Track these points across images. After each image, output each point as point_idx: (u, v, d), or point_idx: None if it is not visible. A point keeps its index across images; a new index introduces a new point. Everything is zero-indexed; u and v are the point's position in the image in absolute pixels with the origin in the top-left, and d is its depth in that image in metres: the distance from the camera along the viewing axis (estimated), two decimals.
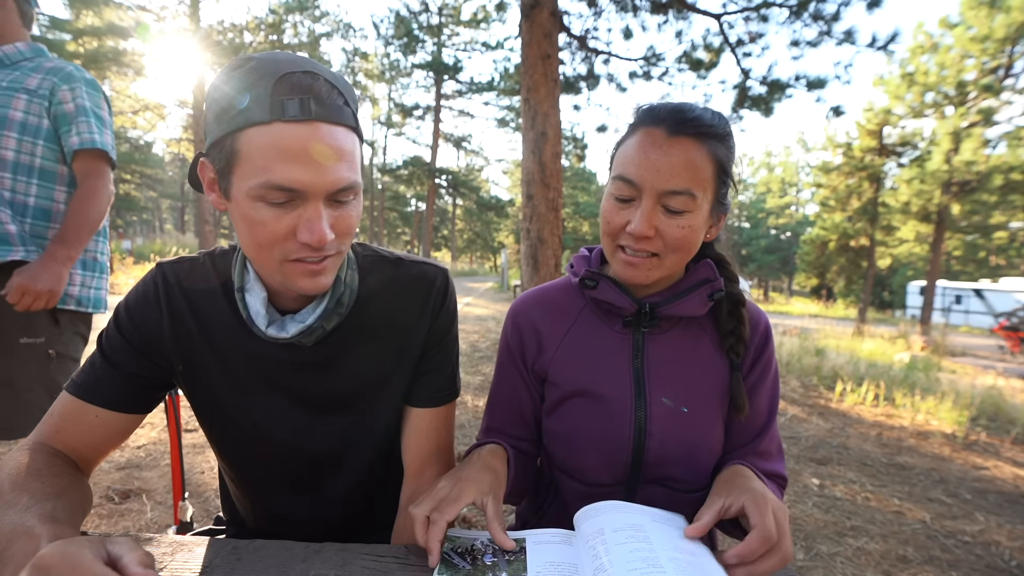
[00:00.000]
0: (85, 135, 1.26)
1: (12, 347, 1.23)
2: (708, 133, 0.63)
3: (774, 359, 0.74)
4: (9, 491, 0.50)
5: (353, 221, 0.58)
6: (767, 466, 0.70)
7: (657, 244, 0.64)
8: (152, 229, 37.04)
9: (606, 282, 0.72)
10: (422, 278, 0.71)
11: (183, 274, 0.65)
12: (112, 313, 0.65)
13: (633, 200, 0.64)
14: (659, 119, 0.64)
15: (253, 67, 0.52)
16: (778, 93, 5.54)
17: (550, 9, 4.37)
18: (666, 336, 0.72)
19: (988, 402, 4.29)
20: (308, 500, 0.73)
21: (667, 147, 0.62)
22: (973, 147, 11.93)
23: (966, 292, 19.30)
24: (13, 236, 1.22)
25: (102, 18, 12.25)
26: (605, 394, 0.71)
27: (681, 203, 0.62)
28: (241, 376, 0.66)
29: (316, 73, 0.53)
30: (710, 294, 0.69)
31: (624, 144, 0.67)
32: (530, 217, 4.45)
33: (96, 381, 0.62)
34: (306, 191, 0.52)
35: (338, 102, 0.54)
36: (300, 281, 0.57)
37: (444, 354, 0.73)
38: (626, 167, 0.64)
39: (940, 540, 2.10)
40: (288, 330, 0.61)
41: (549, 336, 0.76)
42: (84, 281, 1.34)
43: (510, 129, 24.56)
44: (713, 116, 0.64)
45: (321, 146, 0.52)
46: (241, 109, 0.51)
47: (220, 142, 0.53)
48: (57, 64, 1.29)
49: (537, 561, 0.53)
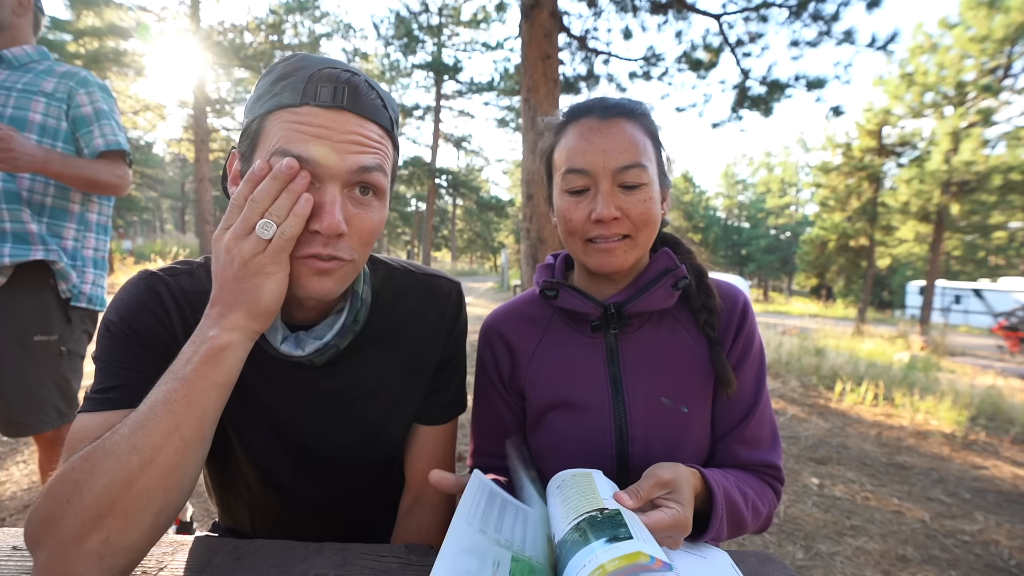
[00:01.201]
0: (110, 137, 1.31)
1: (27, 344, 1.24)
2: (634, 112, 0.67)
3: (756, 336, 0.72)
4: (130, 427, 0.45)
5: (372, 226, 0.54)
6: (755, 455, 0.68)
7: (625, 224, 0.65)
8: (152, 229, 37.03)
9: (566, 290, 0.71)
10: (435, 294, 0.70)
11: (183, 283, 0.61)
12: (106, 331, 0.57)
13: (588, 189, 0.65)
14: (587, 110, 0.67)
15: (296, 60, 0.52)
16: (778, 93, 5.54)
17: (550, 9, 4.37)
18: (639, 334, 0.71)
19: (987, 402, 4.29)
20: (308, 514, 0.71)
21: (605, 129, 0.65)
22: (972, 147, 11.94)
23: (965, 292, 19.30)
24: (34, 235, 1.24)
25: (103, 18, 12.26)
26: (583, 403, 0.70)
27: (635, 176, 0.64)
28: (247, 393, 0.61)
29: (358, 73, 0.53)
30: (674, 283, 0.68)
31: (561, 143, 0.69)
32: (530, 217, 4.45)
33: (128, 386, 0.53)
34: (322, 169, 0.50)
35: (375, 102, 0.53)
36: (306, 280, 0.52)
37: (455, 371, 0.73)
38: (573, 159, 0.65)
39: (939, 539, 2.11)
40: (304, 347, 0.58)
41: (521, 351, 0.75)
42: (95, 279, 1.36)
43: (510, 129, 24.55)
44: (631, 100, 0.69)
45: (347, 132, 0.50)
46: (273, 94, 0.51)
47: (248, 127, 0.53)
48: (70, 69, 1.33)
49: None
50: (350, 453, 0.68)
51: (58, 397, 1.29)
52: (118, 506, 0.44)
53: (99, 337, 0.57)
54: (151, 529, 0.46)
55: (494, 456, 0.78)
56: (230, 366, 0.49)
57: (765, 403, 0.71)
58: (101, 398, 0.53)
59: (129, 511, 0.44)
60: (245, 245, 0.48)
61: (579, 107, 0.69)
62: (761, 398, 0.70)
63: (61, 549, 0.43)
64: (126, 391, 0.53)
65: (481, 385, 0.79)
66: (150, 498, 0.45)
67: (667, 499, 0.53)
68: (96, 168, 1.30)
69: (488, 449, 0.79)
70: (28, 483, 2.12)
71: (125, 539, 0.44)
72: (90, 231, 1.37)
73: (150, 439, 0.45)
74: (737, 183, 42.70)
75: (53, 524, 0.43)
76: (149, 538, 0.47)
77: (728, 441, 0.70)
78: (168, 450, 0.45)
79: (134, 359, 0.56)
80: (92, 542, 0.43)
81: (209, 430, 0.49)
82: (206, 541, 0.57)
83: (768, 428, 0.71)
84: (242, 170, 0.54)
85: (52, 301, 1.28)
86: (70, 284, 1.29)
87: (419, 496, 0.70)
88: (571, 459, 0.70)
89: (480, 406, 0.80)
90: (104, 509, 0.43)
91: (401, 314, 0.67)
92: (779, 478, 0.70)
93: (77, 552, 0.43)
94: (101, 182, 1.30)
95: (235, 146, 0.57)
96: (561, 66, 5.38)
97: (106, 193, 1.34)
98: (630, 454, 0.68)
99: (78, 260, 1.33)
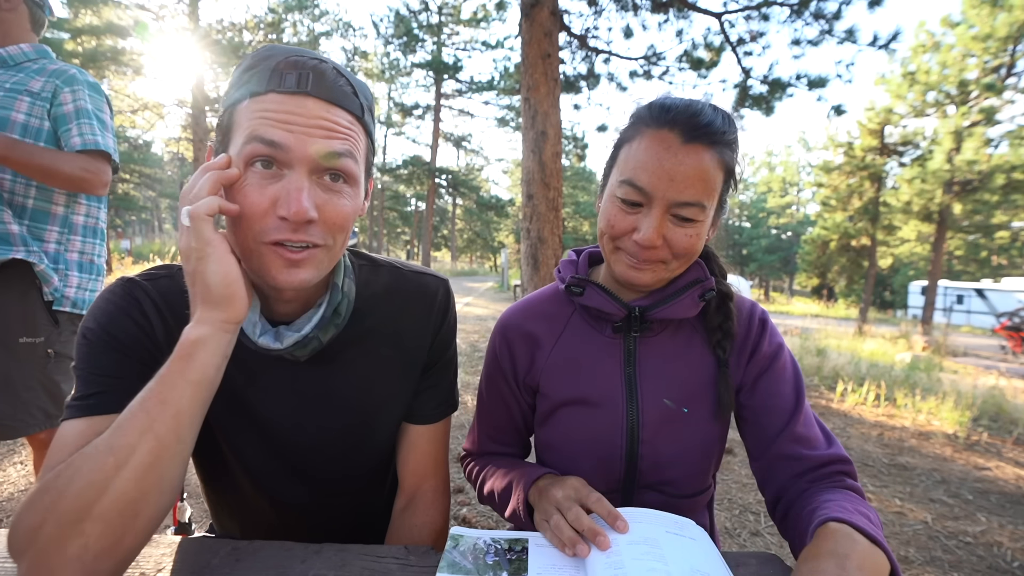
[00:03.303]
0: (88, 136, 1.26)
1: (12, 346, 1.23)
2: (720, 140, 0.60)
3: (781, 347, 0.71)
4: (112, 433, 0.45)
5: (344, 212, 0.53)
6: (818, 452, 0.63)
7: (664, 252, 0.62)
8: (151, 229, 37.06)
9: (593, 288, 0.70)
10: (423, 291, 0.69)
11: (162, 286, 0.60)
12: (83, 338, 0.55)
13: (640, 206, 0.62)
14: (672, 122, 0.60)
15: (264, 50, 0.52)
16: (779, 92, 5.52)
17: (550, 8, 4.35)
18: (658, 339, 0.71)
19: (990, 402, 4.27)
20: (302, 518, 0.70)
21: (682, 155, 0.59)
22: (975, 146, 11.91)
23: (968, 292, 19.28)
24: (15, 236, 1.22)
25: (101, 17, 12.26)
26: (597, 401, 0.70)
27: (691, 213, 0.60)
28: (232, 394, 0.60)
29: (325, 61, 0.53)
30: (701, 294, 0.67)
31: (632, 144, 0.63)
32: (530, 217, 4.44)
33: (108, 391, 0.53)
34: (289, 154, 0.49)
35: (344, 88, 0.53)
36: (275, 271, 0.52)
37: (444, 369, 0.72)
38: (636, 173, 0.61)
39: (942, 541, 2.10)
40: (283, 340, 0.57)
41: (540, 346, 0.74)
42: (80, 283, 1.34)
43: (510, 129, 24.53)
44: (724, 121, 0.62)
45: (313, 117, 0.50)
46: (241, 84, 0.51)
47: (221, 120, 0.53)
48: (61, 67, 1.30)
49: (538, 563, 0.53)
50: (337, 452, 0.67)
51: (45, 399, 1.27)
52: (95, 509, 0.43)
53: (77, 345, 0.56)
54: (133, 533, 0.45)
55: (497, 443, 0.79)
56: (204, 361, 0.48)
57: (807, 405, 0.69)
58: (81, 405, 0.52)
59: (107, 514, 0.43)
60: (181, 239, 0.50)
61: (667, 113, 0.61)
62: (802, 401, 0.68)
63: (42, 556, 0.42)
64: (105, 397, 0.52)
65: (492, 379, 0.79)
66: (127, 500, 0.44)
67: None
68: (55, 158, 1.20)
69: (491, 436, 0.80)
70: (25, 484, 2.12)
71: (105, 543, 0.43)
72: (75, 234, 1.34)
73: (125, 439, 0.44)
74: (739, 181, 42.51)
75: (33, 532, 0.43)
76: (132, 542, 0.45)
77: (781, 444, 0.66)
78: (143, 450, 0.44)
79: (113, 366, 0.55)
80: (73, 547, 0.42)
81: (187, 430, 0.47)
82: (204, 542, 0.56)
83: (818, 426, 0.68)
84: None
85: (38, 303, 1.26)
86: (52, 287, 1.27)
87: (413, 497, 0.69)
88: (580, 454, 0.71)
89: (488, 399, 0.80)
90: (82, 512, 0.42)
91: (388, 311, 0.67)
92: (853, 473, 0.64)
93: (59, 559, 0.42)
94: (63, 174, 1.21)
95: (211, 141, 0.57)
96: (561, 65, 5.37)
97: (74, 189, 1.28)
98: (639, 455, 0.68)
99: (60, 263, 1.30)
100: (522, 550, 0.55)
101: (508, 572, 0.52)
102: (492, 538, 0.58)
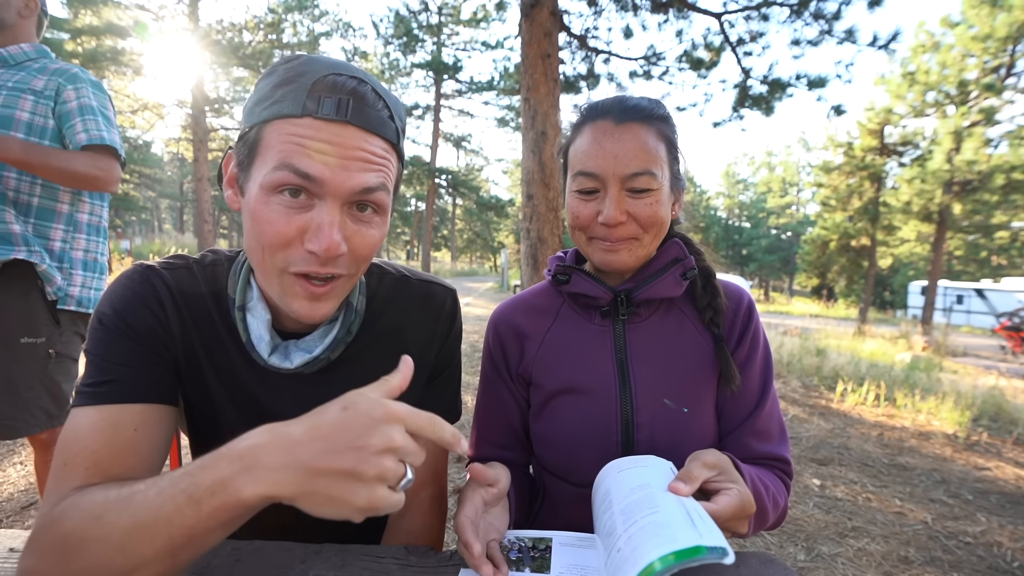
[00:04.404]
0: (93, 132, 1.27)
1: (13, 346, 1.23)
2: (652, 116, 0.66)
3: (761, 334, 0.74)
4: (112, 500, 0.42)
5: (372, 243, 0.53)
6: (766, 448, 0.69)
7: (632, 227, 0.66)
8: (151, 229, 37.06)
9: (579, 274, 0.72)
10: (430, 300, 0.69)
11: (181, 279, 0.59)
12: (99, 323, 0.55)
13: (597, 191, 0.66)
14: (604, 111, 0.67)
15: (298, 63, 0.50)
16: (779, 92, 5.53)
17: (550, 8, 4.35)
18: (647, 323, 0.72)
19: (990, 402, 4.28)
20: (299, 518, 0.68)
21: (619, 134, 0.65)
22: (975, 146, 11.92)
23: (968, 292, 19.30)
24: (17, 236, 1.22)
25: (100, 17, 12.26)
26: (589, 389, 0.71)
27: (644, 182, 0.64)
28: (231, 401, 0.60)
29: (365, 81, 0.50)
30: (683, 273, 0.70)
31: (576, 142, 0.69)
32: (530, 217, 4.44)
33: (121, 380, 0.51)
34: (323, 187, 0.47)
35: (382, 113, 0.51)
36: (297, 303, 0.51)
37: (449, 379, 0.72)
38: (584, 162, 0.66)
39: (942, 541, 2.10)
40: (292, 360, 0.57)
41: (530, 338, 0.76)
42: (84, 282, 1.34)
43: (510, 129, 24.53)
44: (651, 102, 0.68)
45: (351, 148, 0.48)
46: (273, 101, 0.49)
47: (246, 134, 0.51)
48: (62, 66, 1.31)
49: (561, 562, 0.53)
50: None
51: (46, 399, 1.27)
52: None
53: (91, 329, 0.55)
54: None
55: (496, 447, 0.78)
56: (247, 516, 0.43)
57: (773, 399, 0.72)
58: (92, 392, 0.51)
59: None
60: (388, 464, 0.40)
61: (597, 107, 0.69)
62: (768, 394, 0.71)
63: None
64: (117, 387, 0.51)
65: (487, 377, 0.80)
66: None
67: (721, 481, 0.53)
68: (70, 158, 1.22)
69: (491, 439, 0.79)
70: (25, 484, 2.11)
71: None
72: (80, 232, 1.35)
73: (139, 550, 0.41)
74: (738, 183, 42.70)
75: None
76: None
77: (738, 434, 0.70)
78: (156, 565, 0.41)
79: (127, 354, 0.54)
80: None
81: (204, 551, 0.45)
82: None
83: (776, 423, 0.72)
84: (239, 178, 0.53)
85: (39, 304, 1.26)
86: (55, 286, 1.27)
87: (410, 503, 0.69)
88: (576, 444, 0.71)
89: (485, 397, 0.80)
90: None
91: (395, 320, 0.66)
92: (789, 472, 0.70)
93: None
94: (79, 174, 1.23)
95: (231, 146, 0.55)
96: (561, 65, 5.37)
97: (88, 187, 1.29)
98: (636, 440, 0.69)
99: (65, 262, 1.31)
100: (546, 549, 0.56)
101: (531, 568, 0.52)
102: (516, 536, 0.58)
